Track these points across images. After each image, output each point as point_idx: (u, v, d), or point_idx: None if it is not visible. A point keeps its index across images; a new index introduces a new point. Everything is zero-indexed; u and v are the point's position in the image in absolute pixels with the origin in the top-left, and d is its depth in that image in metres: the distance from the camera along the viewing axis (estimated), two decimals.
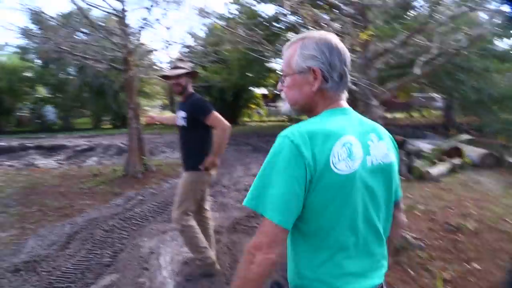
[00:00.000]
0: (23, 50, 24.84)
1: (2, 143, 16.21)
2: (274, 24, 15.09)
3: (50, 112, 27.88)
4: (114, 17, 7.62)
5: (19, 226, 5.20)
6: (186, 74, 3.38)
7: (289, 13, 13.64)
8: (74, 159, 14.27)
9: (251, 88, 23.69)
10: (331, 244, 1.15)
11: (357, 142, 1.16)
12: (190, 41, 26.06)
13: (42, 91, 26.64)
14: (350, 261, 1.17)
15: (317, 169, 1.08)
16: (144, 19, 7.79)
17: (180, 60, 3.48)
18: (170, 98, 26.76)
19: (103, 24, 8.67)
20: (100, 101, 23.83)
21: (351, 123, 1.21)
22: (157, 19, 7.95)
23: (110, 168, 9.17)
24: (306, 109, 1.29)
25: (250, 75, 17.27)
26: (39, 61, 25.44)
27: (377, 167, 1.21)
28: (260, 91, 26.49)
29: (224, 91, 21.20)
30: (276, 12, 14.98)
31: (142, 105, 24.91)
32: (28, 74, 25.13)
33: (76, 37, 8.29)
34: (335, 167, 1.09)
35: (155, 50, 8.51)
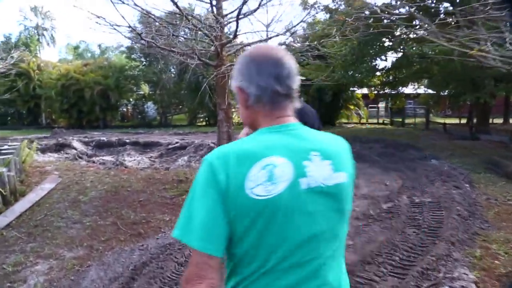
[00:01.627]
0: (130, 50, 26.15)
1: (103, 138, 16.79)
2: (387, 15, 13.25)
3: (150, 108, 29.10)
4: (207, 6, 6.72)
5: (87, 245, 4.45)
6: None
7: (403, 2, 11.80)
8: (165, 157, 14.14)
9: (352, 88, 21.77)
10: (261, 272, 1.06)
11: (285, 163, 1.05)
12: (289, 37, 25.34)
13: (145, 88, 27.76)
14: (278, 283, 1.07)
15: (233, 194, 1.01)
16: (240, 10, 6.78)
17: None
18: None
19: (198, 15, 7.87)
20: (196, 98, 23.90)
21: (284, 142, 1.10)
22: (253, 11, 6.85)
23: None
24: (252, 128, 1.23)
25: (356, 74, 15.50)
26: (143, 60, 26.51)
27: (317, 190, 1.07)
28: (360, 91, 24.45)
29: (323, 91, 19.71)
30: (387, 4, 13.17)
31: (234, 105, 24.56)
32: (133, 72, 26.34)
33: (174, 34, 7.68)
34: (251, 191, 1.01)
35: (249, 45, 7.41)
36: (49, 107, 26.49)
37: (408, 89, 22.57)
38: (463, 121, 24.97)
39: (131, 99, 28.51)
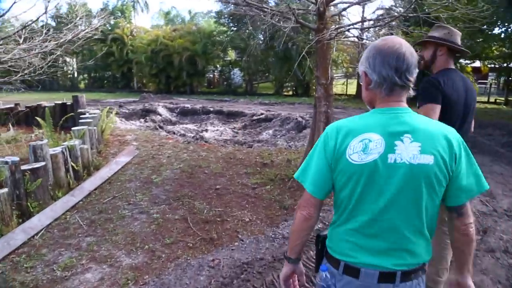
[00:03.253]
0: (218, 15, 25.45)
1: (188, 105, 16.42)
2: None
3: (236, 75, 28.48)
4: None
5: (149, 248, 3.62)
6: (435, 46, 2.51)
7: None
8: (249, 129, 13.29)
9: (463, 60, 18.75)
10: (343, 215, 1.44)
11: (379, 140, 1.33)
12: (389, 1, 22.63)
13: (232, 55, 27.09)
14: (357, 233, 1.40)
15: (335, 157, 1.38)
16: None
17: (438, 27, 2.57)
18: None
19: None
20: (284, 67, 22.63)
21: (384, 123, 1.36)
22: None
23: (284, 154, 7.26)
24: (370, 105, 1.49)
25: (472, 42, 12.94)
26: (231, 25, 25.69)
27: (400, 166, 1.32)
28: (472, 64, 21.12)
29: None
30: None
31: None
32: (221, 38, 25.71)
33: None
34: (349, 157, 1.35)
35: (352, 4, 5.76)
36: (140, 72, 27.10)
37: None
38: None
39: (217, 66, 28.10)
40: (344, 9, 5.58)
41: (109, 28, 28.77)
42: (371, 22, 5.94)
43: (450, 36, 2.49)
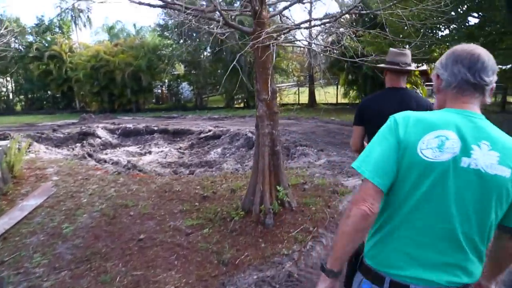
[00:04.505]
0: (163, 28, 24.26)
1: (130, 125, 15.16)
2: None
3: (185, 89, 27.34)
4: None
5: None
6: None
7: None
8: (196, 148, 12.31)
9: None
10: (396, 217, 1.31)
11: (455, 139, 1.25)
12: (335, 7, 22.50)
13: (179, 69, 25.93)
14: (406, 240, 1.28)
15: (405, 147, 1.27)
16: None
17: (390, 51, 2.85)
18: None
19: None
20: (233, 78, 21.78)
21: (461, 123, 1.28)
22: None
23: (230, 181, 6.31)
24: (440, 106, 1.42)
25: (417, 42, 12.69)
26: (175, 38, 24.58)
27: (474, 172, 1.23)
28: (416, 67, 21.33)
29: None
30: None
31: (281, 93, 22.68)
32: (166, 51, 24.50)
33: None
34: (420, 151, 1.25)
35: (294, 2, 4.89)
36: (81, 91, 25.31)
37: None
38: None
39: (165, 81, 26.81)
40: (286, 8, 4.72)
41: (46, 45, 26.82)
42: (317, 23, 5.07)
43: (389, 57, 2.71)
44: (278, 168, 4.33)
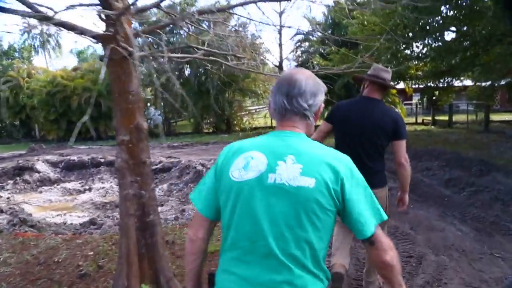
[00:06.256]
0: None
1: (74, 158, 13.44)
2: None
3: (152, 114, 25.68)
4: None
5: None
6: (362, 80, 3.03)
7: None
8: None
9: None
10: (227, 239, 1.34)
11: (262, 158, 1.30)
12: (306, 26, 21.58)
13: (147, 92, 24.33)
14: (234, 261, 1.31)
15: (221, 174, 1.36)
16: None
17: (373, 66, 2.98)
18: None
19: None
20: (199, 102, 20.37)
21: (271, 144, 1.35)
22: None
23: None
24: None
25: (394, 61, 11.40)
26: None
27: (279, 187, 1.26)
28: (397, 86, 20.17)
29: (351, 87, 15.71)
30: None
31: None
32: None
33: None
34: (231, 173, 1.32)
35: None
36: (38, 118, 23.47)
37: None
38: None
39: None
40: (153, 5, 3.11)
41: (1, 70, 25.10)
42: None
43: (374, 72, 2.84)
44: (154, 249, 2.75)
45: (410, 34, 10.82)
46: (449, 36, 12.65)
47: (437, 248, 3.91)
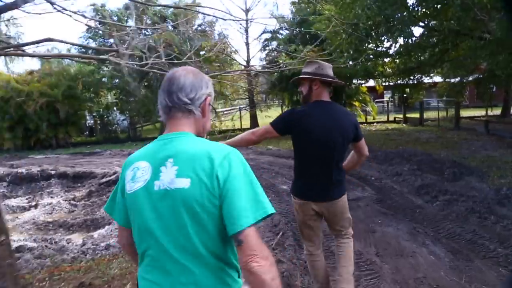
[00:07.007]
0: (86, 53, 21.58)
1: (22, 170, 12.32)
2: None
3: (117, 119, 24.54)
4: None
5: None
6: (309, 81, 2.71)
7: None
8: (95, 196, 9.81)
9: (355, 80, 17.07)
10: (139, 251, 1.36)
11: (146, 167, 1.31)
12: (273, 23, 20.95)
13: (105, 96, 23.18)
14: (147, 268, 1.32)
15: (122, 187, 1.38)
16: None
17: (310, 63, 2.81)
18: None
19: None
20: None
21: (155, 149, 1.34)
22: None
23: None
24: None
25: (358, 61, 10.81)
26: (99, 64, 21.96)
27: (163, 192, 1.25)
28: (366, 83, 19.80)
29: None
30: None
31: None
32: (91, 78, 21.75)
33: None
34: (125, 187, 1.34)
35: None
36: None
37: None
38: (496, 112, 20.49)
39: (92, 111, 23.82)
40: None
41: None
42: None
43: (322, 70, 2.65)
44: None
45: (374, 28, 10.27)
46: (417, 31, 12.26)
47: (406, 283, 3.24)
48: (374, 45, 11.31)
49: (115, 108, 24.04)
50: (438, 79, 20.81)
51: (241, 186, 1.22)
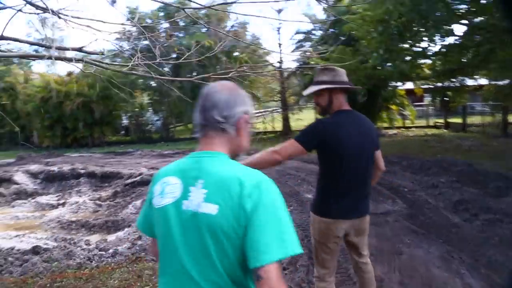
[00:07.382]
0: (114, 55, 21.92)
1: (54, 169, 12.58)
2: None
3: (152, 119, 24.88)
4: None
5: None
6: (329, 91, 2.51)
7: None
8: (120, 197, 9.81)
9: (393, 82, 16.21)
10: (160, 266, 1.36)
11: (177, 183, 1.28)
12: (307, 25, 20.44)
13: (140, 96, 23.50)
14: (166, 286, 1.32)
15: (150, 200, 1.36)
16: None
17: (324, 70, 2.60)
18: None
19: None
20: (193, 106, 19.38)
21: (186, 167, 1.30)
22: None
23: None
24: None
25: (392, 62, 10.15)
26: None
27: (191, 213, 1.23)
28: (403, 86, 18.85)
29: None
30: None
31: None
32: (126, 79, 22.10)
33: None
34: (153, 200, 1.32)
35: None
36: (33, 124, 22.80)
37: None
38: None
39: (128, 110, 24.22)
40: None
41: None
42: None
43: (340, 77, 2.51)
44: None
45: (407, 26, 9.56)
46: (457, 28, 11.35)
47: None
48: (408, 45, 10.59)
49: (149, 108, 24.40)
50: (483, 81, 19.51)
51: (267, 220, 1.17)
